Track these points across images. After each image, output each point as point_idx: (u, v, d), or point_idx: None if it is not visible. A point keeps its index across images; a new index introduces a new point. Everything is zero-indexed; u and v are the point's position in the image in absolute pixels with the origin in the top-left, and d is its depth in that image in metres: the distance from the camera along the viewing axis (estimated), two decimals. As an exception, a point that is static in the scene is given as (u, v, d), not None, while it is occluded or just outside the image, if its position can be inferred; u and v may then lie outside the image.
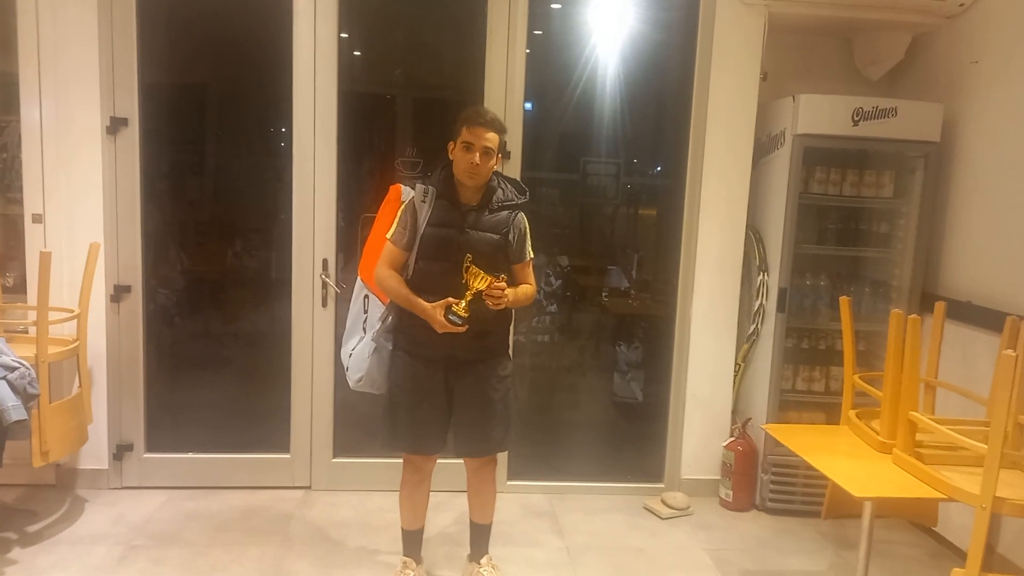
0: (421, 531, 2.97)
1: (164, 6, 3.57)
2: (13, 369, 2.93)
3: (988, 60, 3.45)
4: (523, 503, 3.76)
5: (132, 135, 3.54)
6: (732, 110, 3.72)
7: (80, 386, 3.40)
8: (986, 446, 2.14)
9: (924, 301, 3.62)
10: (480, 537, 3.00)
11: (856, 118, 3.53)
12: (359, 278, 2.94)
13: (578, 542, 3.42)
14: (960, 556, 3.36)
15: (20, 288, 3.57)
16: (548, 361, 4.41)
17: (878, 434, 2.72)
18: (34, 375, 2.99)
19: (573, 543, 3.41)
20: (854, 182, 3.74)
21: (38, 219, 3.48)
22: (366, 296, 2.90)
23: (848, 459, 2.66)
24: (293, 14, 3.54)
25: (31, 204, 3.47)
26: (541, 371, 4.37)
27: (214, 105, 3.98)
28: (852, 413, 2.96)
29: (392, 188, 2.88)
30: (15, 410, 2.86)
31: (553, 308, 4.35)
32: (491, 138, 2.61)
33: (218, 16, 3.70)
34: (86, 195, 3.50)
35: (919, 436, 2.56)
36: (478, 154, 2.59)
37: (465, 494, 2.98)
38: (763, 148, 3.81)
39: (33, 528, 3.28)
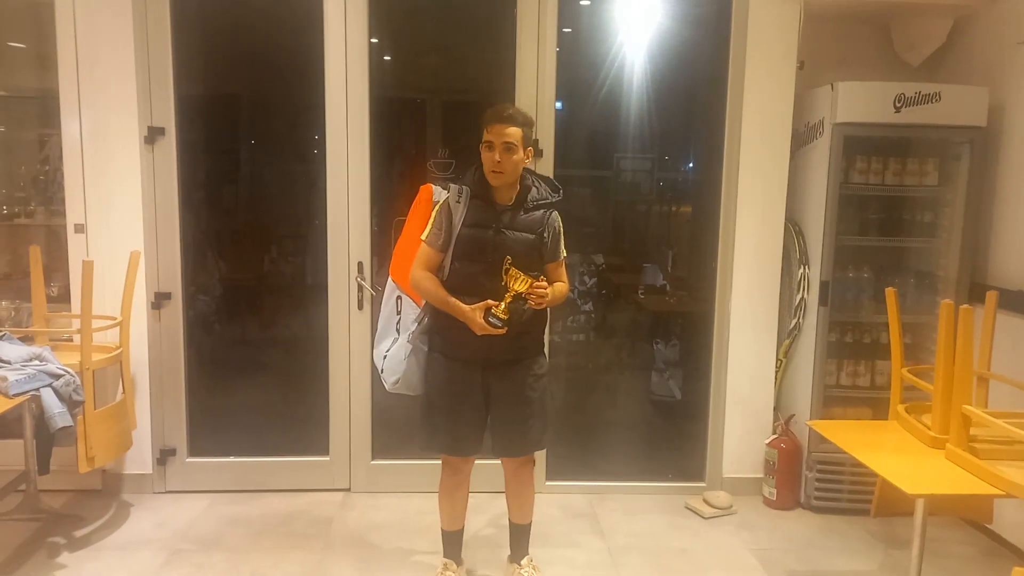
0: (461, 532, 2.96)
1: (198, 18, 3.61)
2: (59, 377, 2.99)
3: (1035, 41, 3.33)
4: (562, 503, 3.73)
5: (169, 144, 3.59)
6: (768, 100, 3.65)
7: (124, 392, 3.45)
8: (1046, 439, 2.05)
9: (973, 291, 3.51)
10: (520, 538, 2.98)
11: (898, 104, 3.44)
12: (390, 279, 2.94)
13: (619, 543, 3.38)
14: (1016, 554, 3.25)
15: (64, 297, 3.65)
16: (585, 360, 4.37)
17: (929, 429, 2.64)
18: (79, 382, 3.05)
19: (614, 544, 3.37)
20: (896, 171, 3.64)
21: (80, 229, 3.54)
22: (399, 297, 2.90)
23: (898, 455, 2.58)
24: (324, 21, 3.56)
25: (73, 215, 3.54)
26: (578, 370, 4.34)
27: (248, 113, 4.03)
28: (901, 408, 2.88)
29: (423, 188, 2.87)
30: (61, 417, 2.92)
31: (588, 307, 4.31)
32: (511, 133, 2.57)
33: (251, 25, 3.74)
34: (126, 204, 3.56)
35: (972, 430, 2.48)
36: (498, 151, 2.57)
37: (504, 495, 2.96)
38: (801, 138, 3.73)
39: (80, 533, 3.33)
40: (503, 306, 2.54)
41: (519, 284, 2.52)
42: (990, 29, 3.62)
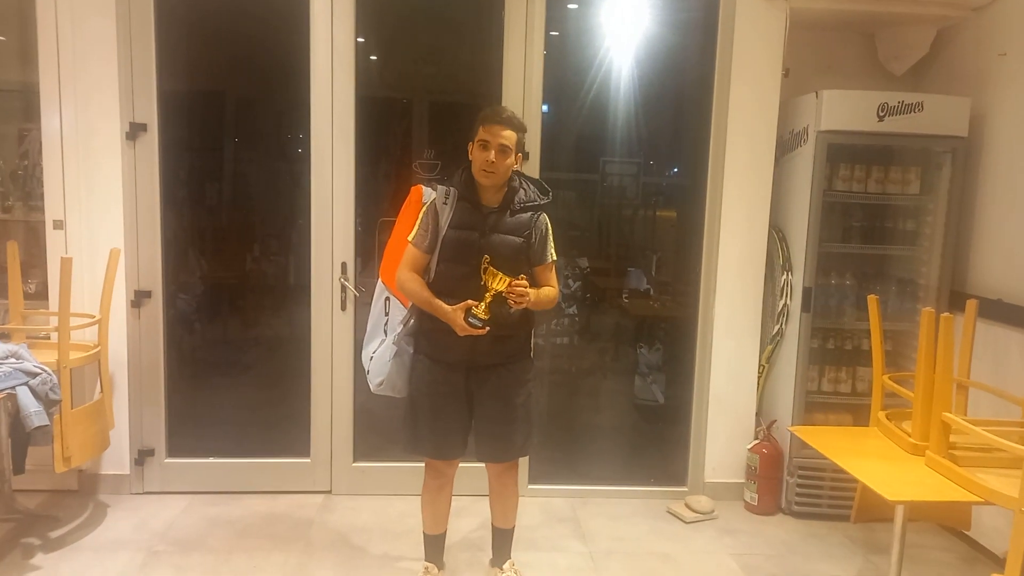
0: (443, 536, 2.95)
1: (182, 13, 3.58)
2: (35, 375, 2.94)
3: (1016, 52, 3.37)
4: (545, 507, 3.73)
5: (151, 141, 3.55)
6: (753, 107, 3.67)
7: (101, 391, 3.41)
8: (1025, 447, 2.08)
9: (953, 299, 3.55)
10: (502, 542, 2.97)
11: (881, 113, 3.47)
12: (380, 280, 2.92)
13: (601, 547, 3.38)
14: (993, 560, 3.28)
15: (42, 294, 3.59)
16: (568, 364, 4.37)
17: (909, 436, 2.67)
18: (56, 381, 3.00)
19: (596, 548, 3.37)
20: (879, 179, 3.67)
21: (59, 225, 3.49)
22: (387, 299, 2.89)
23: (879, 461, 2.60)
24: (310, 19, 3.53)
25: (52, 211, 3.49)
26: (561, 374, 4.33)
27: (232, 110, 3.99)
28: (882, 414, 2.90)
29: (413, 190, 2.86)
30: (37, 416, 2.88)
31: (572, 310, 4.31)
32: (507, 136, 2.58)
33: (236, 22, 3.71)
34: (106, 201, 3.51)
35: (952, 438, 2.50)
36: (494, 151, 2.56)
37: (487, 498, 2.95)
38: (785, 145, 3.75)
39: (56, 534, 3.28)
40: (483, 306, 2.52)
41: (498, 283, 2.50)
42: (973, 40, 3.66)
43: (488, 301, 2.52)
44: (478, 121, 2.62)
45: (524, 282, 2.53)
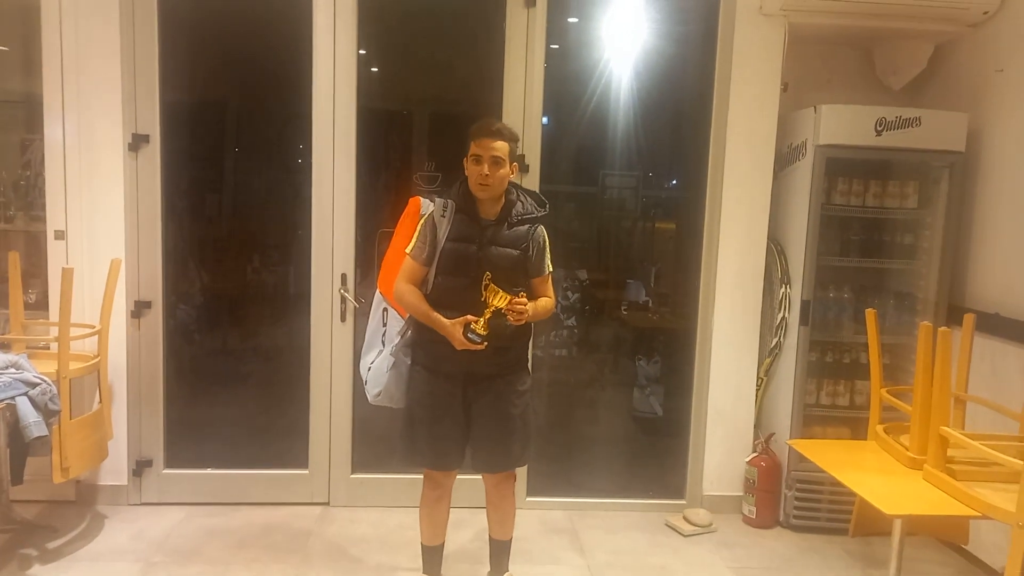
0: (441, 547, 2.95)
1: (185, 24, 3.60)
2: (35, 385, 2.95)
3: (1013, 68, 3.40)
4: (543, 519, 3.72)
5: (153, 152, 3.57)
6: (752, 121, 3.69)
7: (100, 402, 3.41)
8: (1023, 462, 2.08)
9: (951, 313, 3.56)
10: (500, 554, 2.97)
11: (879, 128, 3.49)
12: (378, 291, 2.93)
13: (599, 560, 3.37)
14: (990, 574, 3.28)
15: (42, 304, 3.60)
16: (567, 376, 4.37)
17: (907, 449, 2.67)
18: (55, 391, 3.01)
19: (594, 561, 3.36)
20: (877, 193, 3.68)
21: (60, 236, 3.50)
22: (385, 309, 2.89)
23: (877, 475, 2.61)
24: (313, 31, 3.56)
25: (54, 221, 3.50)
26: (560, 386, 4.33)
27: (234, 121, 4.01)
28: (880, 428, 2.91)
29: (411, 201, 2.87)
30: (36, 426, 2.88)
31: (571, 322, 4.31)
32: (499, 147, 2.59)
33: (238, 34, 3.73)
34: (108, 211, 3.52)
35: (950, 452, 2.51)
36: (487, 165, 2.58)
37: (485, 510, 2.95)
38: (784, 159, 3.77)
39: (53, 544, 3.28)
40: (482, 322, 2.53)
41: (498, 300, 2.52)
42: (970, 56, 3.68)
43: (487, 317, 2.53)
44: (469, 136, 2.64)
45: (524, 299, 2.55)
